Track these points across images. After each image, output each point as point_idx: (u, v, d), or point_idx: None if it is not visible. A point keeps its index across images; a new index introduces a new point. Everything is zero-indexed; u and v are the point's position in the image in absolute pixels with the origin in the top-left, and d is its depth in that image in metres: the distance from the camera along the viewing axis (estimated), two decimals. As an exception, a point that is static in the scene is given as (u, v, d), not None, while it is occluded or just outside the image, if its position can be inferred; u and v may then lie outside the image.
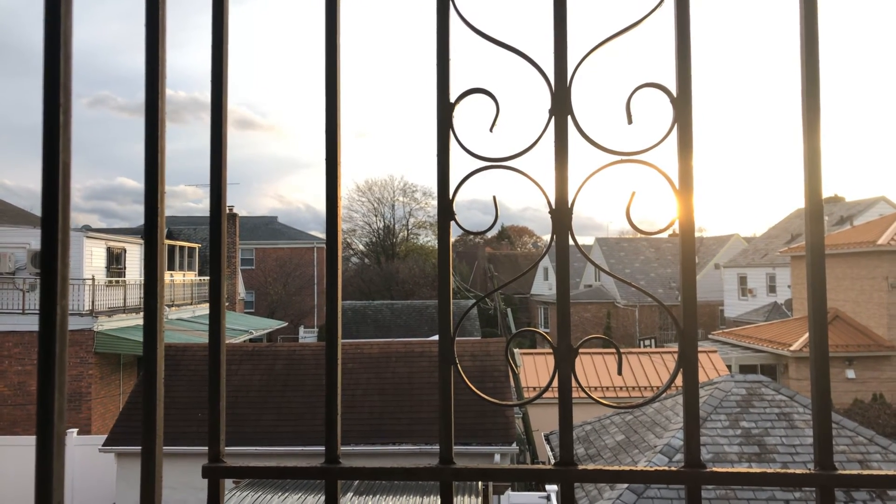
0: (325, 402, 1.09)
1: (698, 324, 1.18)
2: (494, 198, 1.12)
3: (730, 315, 36.84)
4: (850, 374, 21.82)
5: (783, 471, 1.00)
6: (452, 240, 1.11)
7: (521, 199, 78.98)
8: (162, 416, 1.00)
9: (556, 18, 1.07)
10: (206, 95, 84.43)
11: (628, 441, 10.82)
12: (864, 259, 23.18)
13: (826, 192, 1.03)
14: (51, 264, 0.81)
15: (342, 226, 1.39)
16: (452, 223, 1.10)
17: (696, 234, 1.08)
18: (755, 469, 1.02)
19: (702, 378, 15.31)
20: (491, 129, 1.08)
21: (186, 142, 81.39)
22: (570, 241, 1.10)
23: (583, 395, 1.18)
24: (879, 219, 27.00)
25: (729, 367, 21.22)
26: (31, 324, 19.41)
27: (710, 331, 31.23)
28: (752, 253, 37.79)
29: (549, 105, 1.08)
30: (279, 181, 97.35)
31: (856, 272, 23.52)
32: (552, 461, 12.51)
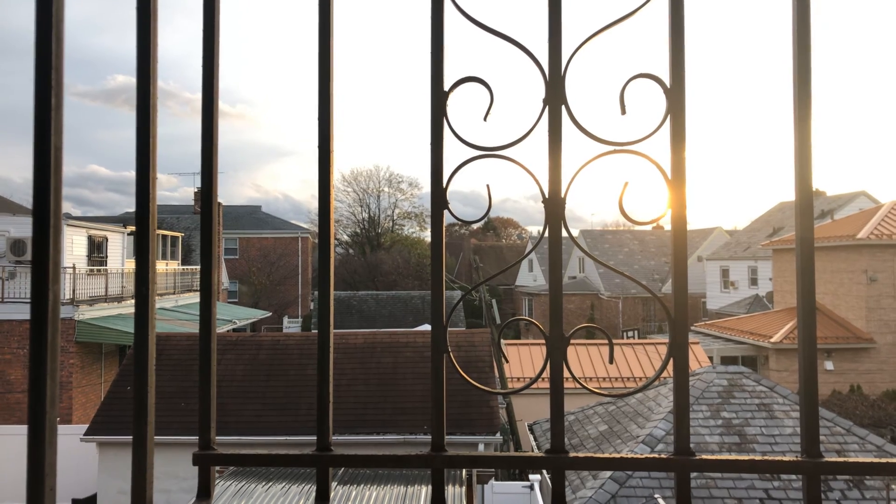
0: (317, 390, 1.09)
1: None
2: (488, 186, 1.12)
3: (712, 307, 37.21)
4: (829, 365, 22.15)
5: (771, 458, 1.01)
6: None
7: (502, 190, 78.91)
8: (153, 403, 0.99)
9: (550, 7, 1.07)
10: (170, 84, 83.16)
11: (611, 431, 10.92)
12: (844, 253, 23.49)
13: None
14: (43, 249, 0.80)
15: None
16: (445, 212, 1.10)
17: (687, 225, 1.09)
18: (744, 456, 1.03)
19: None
20: (485, 119, 1.07)
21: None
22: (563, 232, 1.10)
23: (570, 384, 1.19)
24: (859, 213, 27.36)
25: (711, 358, 21.44)
26: (10, 312, 19.15)
27: (693, 322, 31.53)
28: (735, 246, 38.14)
29: (542, 94, 1.07)
30: (257, 171, 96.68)
31: (836, 265, 23.83)
32: (535, 451, 12.55)
